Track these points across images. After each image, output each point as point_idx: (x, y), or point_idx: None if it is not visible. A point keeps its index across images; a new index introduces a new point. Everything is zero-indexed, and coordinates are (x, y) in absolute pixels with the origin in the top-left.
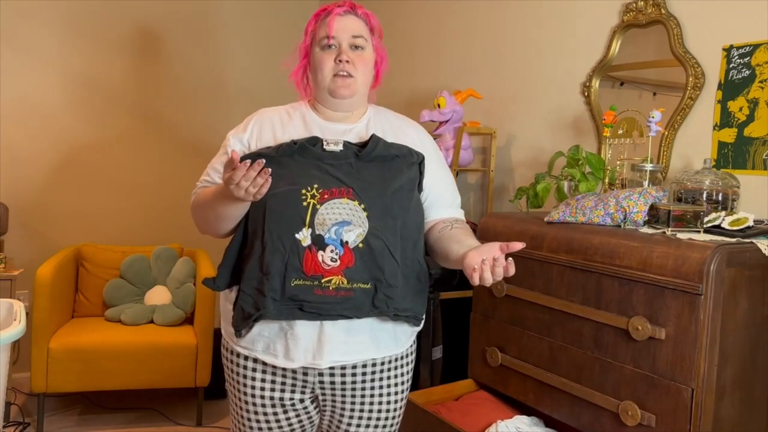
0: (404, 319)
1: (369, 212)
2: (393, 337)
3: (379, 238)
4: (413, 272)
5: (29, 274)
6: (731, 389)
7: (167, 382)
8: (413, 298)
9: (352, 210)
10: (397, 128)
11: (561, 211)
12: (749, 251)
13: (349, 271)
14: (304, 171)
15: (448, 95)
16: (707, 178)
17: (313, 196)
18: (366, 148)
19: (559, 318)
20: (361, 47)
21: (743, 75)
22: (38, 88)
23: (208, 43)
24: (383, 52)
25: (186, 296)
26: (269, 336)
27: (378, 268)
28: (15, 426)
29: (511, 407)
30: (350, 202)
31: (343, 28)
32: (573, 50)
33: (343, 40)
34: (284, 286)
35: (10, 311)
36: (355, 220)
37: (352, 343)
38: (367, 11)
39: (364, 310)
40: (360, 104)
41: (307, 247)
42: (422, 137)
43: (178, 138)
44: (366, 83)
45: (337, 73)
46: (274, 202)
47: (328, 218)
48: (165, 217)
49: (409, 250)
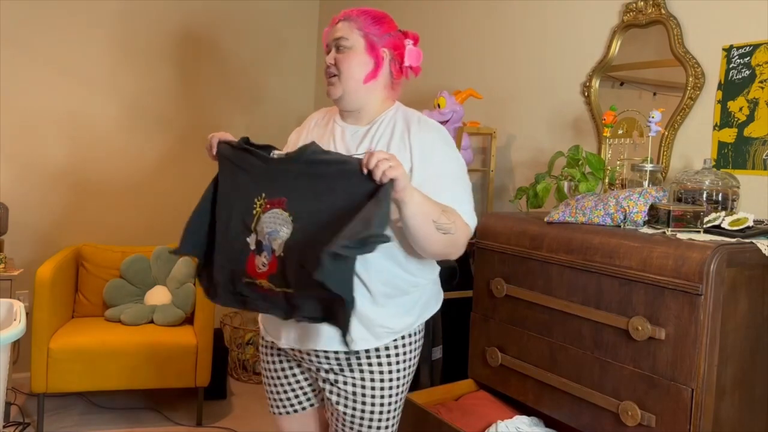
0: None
1: (295, 223)
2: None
3: (294, 248)
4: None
5: (29, 274)
6: (731, 389)
7: (167, 382)
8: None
9: (282, 220)
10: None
11: (561, 211)
12: (749, 251)
13: (271, 277)
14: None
15: (448, 95)
16: (707, 178)
17: (261, 206)
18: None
19: (559, 318)
20: (344, 47)
21: (743, 75)
22: (37, 88)
23: (209, 43)
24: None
25: (186, 296)
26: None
27: (292, 277)
28: (15, 426)
29: (511, 407)
30: (283, 212)
31: (331, 33)
32: (573, 50)
33: (331, 45)
34: (234, 281)
35: (10, 311)
36: (282, 230)
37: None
38: (364, 11)
39: (282, 312)
40: (362, 103)
41: (252, 251)
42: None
43: (179, 138)
44: (356, 78)
45: (327, 77)
46: (238, 205)
47: (266, 226)
48: (165, 217)
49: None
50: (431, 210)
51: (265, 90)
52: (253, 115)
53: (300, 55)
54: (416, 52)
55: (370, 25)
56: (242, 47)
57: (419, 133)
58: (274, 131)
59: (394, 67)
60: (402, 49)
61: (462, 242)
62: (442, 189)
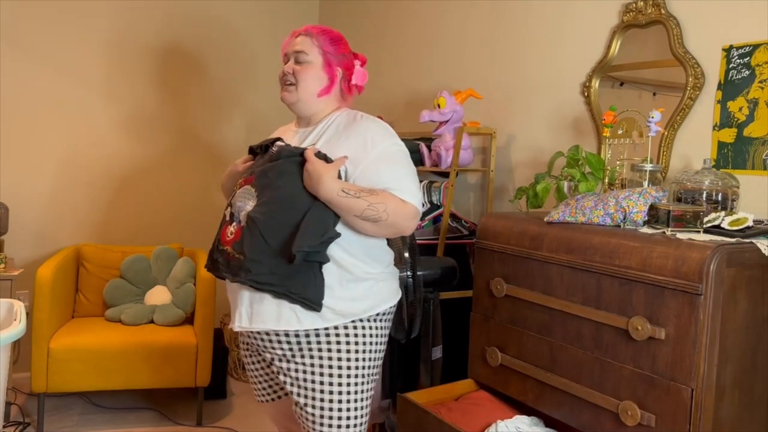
0: (273, 294)
1: (258, 198)
2: (295, 315)
3: (254, 219)
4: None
5: (29, 274)
6: (731, 389)
7: (167, 382)
8: (286, 278)
9: (249, 195)
10: (346, 127)
11: (561, 211)
12: (749, 251)
13: (234, 244)
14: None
15: (448, 95)
16: (707, 178)
17: (238, 184)
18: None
19: (559, 318)
20: (302, 61)
21: (743, 75)
22: (37, 89)
23: (209, 43)
24: (345, 61)
25: (186, 296)
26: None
27: (247, 244)
28: (15, 426)
29: (511, 407)
30: (250, 188)
31: (291, 45)
32: (573, 50)
33: (291, 55)
34: (213, 249)
35: (10, 311)
36: (248, 204)
37: (254, 313)
38: (323, 30)
39: (233, 276)
40: (315, 109)
41: (227, 222)
42: (367, 135)
43: (179, 138)
44: (311, 90)
45: (283, 83)
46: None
47: (237, 200)
48: (165, 217)
49: (289, 233)
50: (353, 206)
51: (266, 90)
52: (253, 115)
53: None
54: (362, 73)
55: (328, 44)
56: (243, 47)
57: (360, 125)
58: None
59: (344, 85)
60: (352, 69)
61: (402, 223)
62: (383, 171)
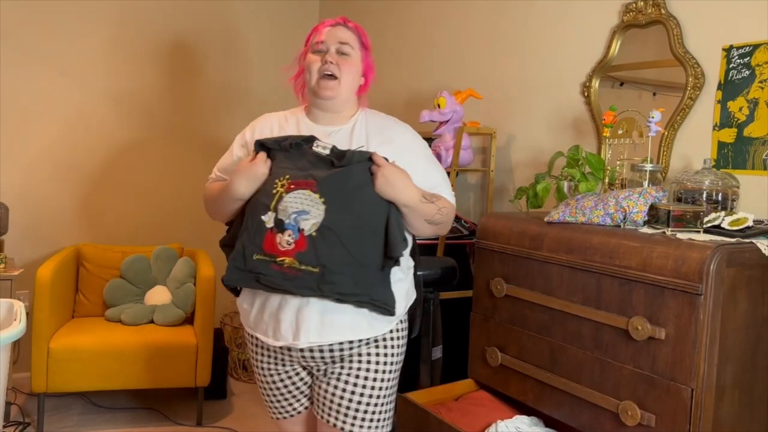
0: (356, 303)
1: (327, 205)
2: (367, 321)
3: (331, 229)
4: (373, 264)
5: (29, 274)
6: (731, 389)
7: (167, 382)
8: (370, 287)
9: (312, 201)
10: (382, 129)
11: (561, 211)
12: (749, 251)
13: (299, 255)
14: (287, 163)
15: (448, 95)
16: (707, 178)
17: (282, 185)
18: (343, 161)
19: (559, 318)
20: (347, 53)
21: (743, 75)
22: (38, 89)
23: (209, 43)
24: (372, 64)
25: (186, 296)
26: (265, 320)
27: (326, 255)
28: (15, 426)
29: (511, 407)
30: (312, 194)
31: (333, 35)
32: (573, 50)
33: (331, 45)
34: (245, 258)
35: (10, 311)
36: (312, 211)
37: (326, 326)
38: (358, 26)
39: (309, 291)
40: (346, 107)
41: (269, 229)
42: (405, 137)
43: (179, 138)
44: (351, 87)
45: (323, 74)
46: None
47: (290, 206)
48: (165, 217)
49: (370, 243)
50: (427, 211)
51: (266, 90)
52: (254, 114)
53: None
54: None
55: (365, 42)
56: (243, 47)
57: (394, 128)
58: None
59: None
60: (373, 68)
61: (449, 224)
62: (430, 174)
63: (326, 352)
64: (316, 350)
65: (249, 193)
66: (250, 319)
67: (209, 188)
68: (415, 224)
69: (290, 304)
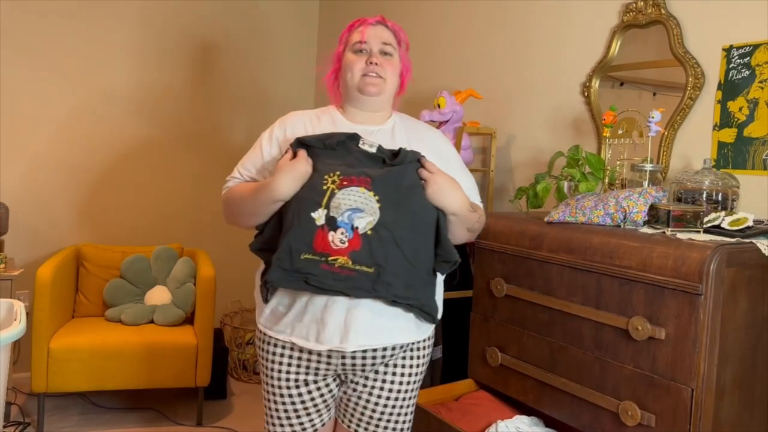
0: (406, 307)
1: (382, 204)
2: (415, 325)
3: (387, 228)
4: (423, 266)
5: (29, 274)
6: (731, 389)
7: (167, 382)
8: (420, 290)
9: (366, 199)
10: (419, 133)
11: (561, 211)
12: (749, 251)
13: (354, 254)
14: (333, 160)
15: (448, 95)
16: (707, 178)
17: (333, 182)
18: (396, 159)
19: (559, 318)
20: (389, 54)
21: (743, 75)
22: (38, 89)
23: (209, 44)
24: (409, 64)
25: (186, 296)
26: (306, 323)
27: (382, 255)
28: (15, 426)
29: (511, 407)
30: (366, 191)
31: (375, 35)
32: (573, 50)
33: (374, 45)
34: (292, 258)
35: (10, 311)
36: (367, 209)
37: (376, 328)
38: (397, 24)
39: (364, 292)
40: (385, 107)
41: (320, 227)
42: (440, 143)
43: (179, 138)
44: (392, 87)
45: (367, 74)
46: (308, 183)
47: (343, 203)
48: (165, 217)
49: (421, 245)
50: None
51: (265, 90)
52: (253, 114)
53: (300, 55)
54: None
55: (402, 40)
56: (242, 47)
57: (427, 133)
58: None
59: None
60: (410, 68)
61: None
62: (465, 182)
63: (369, 358)
64: (359, 355)
65: (292, 193)
66: (284, 323)
67: (236, 190)
68: (458, 233)
69: (338, 306)
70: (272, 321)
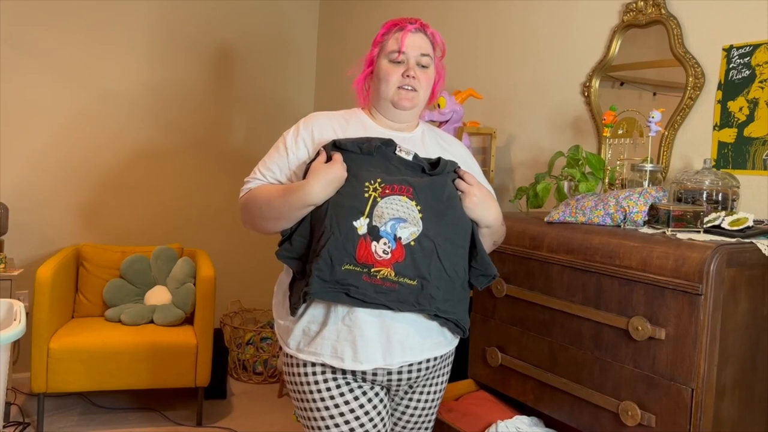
0: (444, 321)
1: (424, 214)
2: (444, 336)
3: (430, 239)
4: (459, 280)
5: (29, 274)
6: (731, 389)
7: (167, 382)
8: (456, 304)
9: (408, 209)
10: (445, 144)
11: (561, 211)
12: (749, 251)
13: (398, 266)
14: (371, 166)
15: (448, 95)
16: (707, 178)
17: (375, 189)
18: (436, 169)
19: (559, 318)
20: (426, 66)
21: (743, 75)
22: (38, 89)
23: (209, 44)
24: (443, 71)
25: (186, 296)
26: (336, 339)
27: (426, 267)
28: (15, 426)
29: (511, 407)
30: (408, 201)
31: (413, 45)
32: (573, 50)
33: (411, 56)
34: (333, 268)
35: (10, 311)
36: (410, 219)
37: (419, 342)
38: (435, 31)
39: (407, 305)
40: (415, 117)
41: (362, 236)
42: (464, 153)
43: (179, 138)
44: (425, 99)
45: (402, 86)
46: (346, 190)
47: (387, 212)
48: (165, 217)
49: (459, 257)
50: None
51: (265, 90)
52: (252, 115)
53: (300, 55)
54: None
55: (441, 49)
56: (242, 47)
57: (451, 143)
58: (274, 130)
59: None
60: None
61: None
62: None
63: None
64: (405, 370)
65: (325, 198)
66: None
67: (259, 192)
68: (487, 244)
69: (377, 321)
70: (305, 342)
